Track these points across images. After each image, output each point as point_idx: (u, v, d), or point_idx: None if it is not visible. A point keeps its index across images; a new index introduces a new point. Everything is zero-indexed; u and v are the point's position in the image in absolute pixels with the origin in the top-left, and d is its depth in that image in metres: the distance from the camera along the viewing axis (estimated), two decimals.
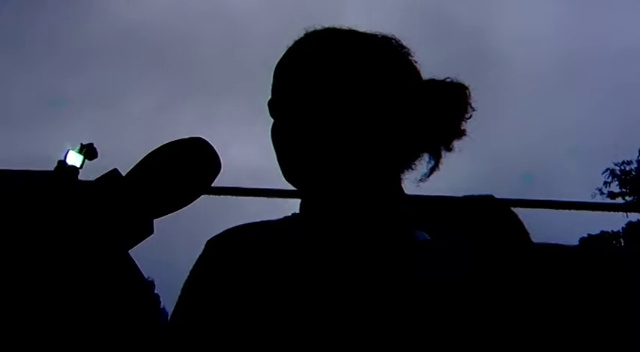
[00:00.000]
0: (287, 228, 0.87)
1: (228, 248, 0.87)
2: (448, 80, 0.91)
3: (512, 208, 0.84)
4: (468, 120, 0.91)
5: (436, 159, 0.90)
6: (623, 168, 15.20)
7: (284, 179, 0.88)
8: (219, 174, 0.89)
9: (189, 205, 0.87)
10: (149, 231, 0.84)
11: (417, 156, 0.90)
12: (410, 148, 0.88)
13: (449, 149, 0.90)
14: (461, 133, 0.90)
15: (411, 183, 0.92)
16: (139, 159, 0.84)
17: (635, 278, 0.85)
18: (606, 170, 15.14)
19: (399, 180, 0.89)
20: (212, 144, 0.87)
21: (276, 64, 0.90)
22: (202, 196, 0.88)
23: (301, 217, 0.89)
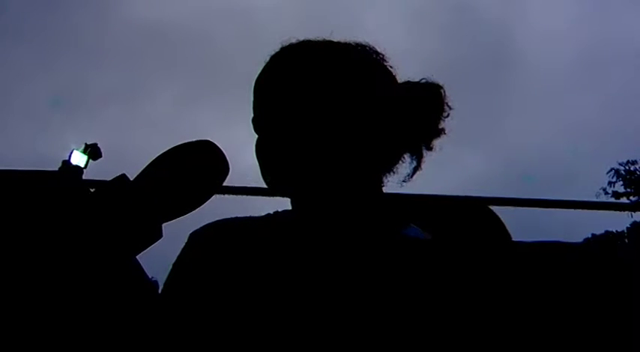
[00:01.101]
0: (271, 223, 0.89)
1: (212, 240, 0.89)
2: (423, 81, 0.93)
3: (511, 207, 0.85)
4: (447, 119, 0.93)
5: (418, 159, 0.93)
6: (627, 167, 15.16)
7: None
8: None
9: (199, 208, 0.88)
10: (158, 235, 0.84)
11: (398, 158, 0.92)
12: (391, 150, 0.90)
13: (429, 148, 0.93)
14: (440, 132, 0.93)
15: (411, 183, 0.94)
16: (147, 163, 0.84)
17: (635, 278, 0.85)
18: (611, 170, 15.10)
19: (380, 183, 0.91)
20: (220, 147, 0.88)
21: (254, 80, 0.92)
22: (213, 196, 0.89)
23: (293, 213, 0.91)
